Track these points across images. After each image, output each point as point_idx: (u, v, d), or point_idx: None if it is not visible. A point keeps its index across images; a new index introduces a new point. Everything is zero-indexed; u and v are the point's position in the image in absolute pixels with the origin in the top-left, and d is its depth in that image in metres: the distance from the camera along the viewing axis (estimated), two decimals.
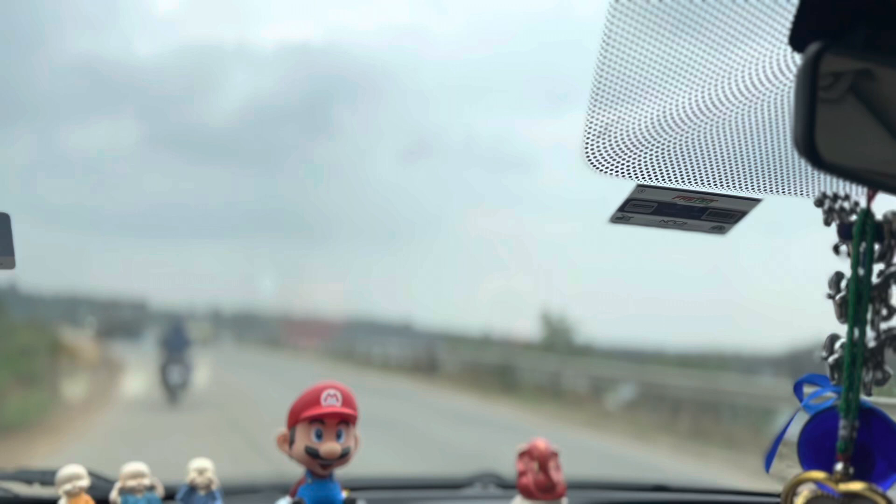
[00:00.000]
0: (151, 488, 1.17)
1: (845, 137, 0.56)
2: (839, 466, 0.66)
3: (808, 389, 0.75)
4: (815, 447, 0.70)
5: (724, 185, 0.86)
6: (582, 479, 1.57)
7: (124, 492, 1.15)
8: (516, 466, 1.27)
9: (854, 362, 0.68)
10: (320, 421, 1.06)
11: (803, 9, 0.60)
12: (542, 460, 1.24)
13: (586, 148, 0.77)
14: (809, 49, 0.56)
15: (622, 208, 0.89)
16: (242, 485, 1.37)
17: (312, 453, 1.06)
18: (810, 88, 0.54)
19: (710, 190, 0.86)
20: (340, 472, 1.18)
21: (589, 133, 0.76)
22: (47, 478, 1.24)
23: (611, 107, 0.77)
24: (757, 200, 0.87)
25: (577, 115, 0.80)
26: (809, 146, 0.53)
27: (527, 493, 1.24)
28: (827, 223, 0.71)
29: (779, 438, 0.82)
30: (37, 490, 1.32)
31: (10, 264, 0.78)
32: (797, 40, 0.61)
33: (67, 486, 1.13)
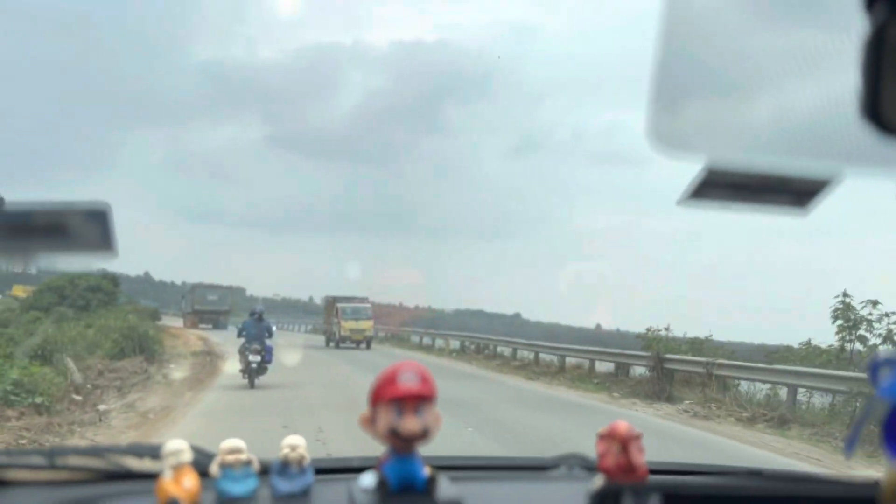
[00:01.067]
0: (248, 463, 1.25)
1: None
2: None
3: (885, 372, 0.72)
4: None
5: (800, 161, 0.84)
6: (667, 464, 1.55)
7: (223, 466, 1.23)
8: (597, 448, 1.27)
9: None
10: (400, 400, 1.10)
11: None
12: (624, 442, 1.25)
13: (651, 127, 0.77)
14: (877, 11, 0.54)
15: (693, 189, 0.87)
16: (332, 463, 1.43)
17: (394, 432, 1.10)
18: (876, 53, 0.53)
19: (786, 166, 0.84)
20: (428, 453, 1.22)
21: (654, 111, 0.76)
22: (156, 452, 1.33)
23: (677, 82, 0.77)
24: (836, 177, 0.85)
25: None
26: (874, 112, 0.52)
27: (608, 474, 1.25)
28: None
29: (859, 424, 0.80)
30: (147, 464, 1.42)
31: (112, 254, 0.84)
32: (869, 2, 0.60)
33: (172, 460, 1.21)
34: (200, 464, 1.28)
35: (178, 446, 1.22)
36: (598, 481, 1.26)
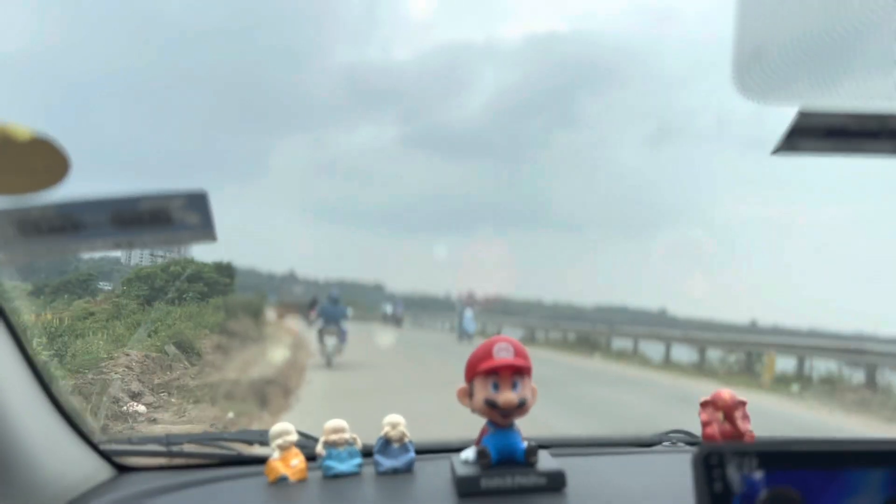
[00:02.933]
0: (351, 442, 1.28)
1: None
2: None
3: None
4: None
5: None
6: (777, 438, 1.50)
7: (328, 445, 1.27)
8: (700, 417, 1.25)
9: None
10: (495, 373, 1.10)
11: None
12: (728, 410, 1.22)
13: (737, 71, 0.75)
14: None
15: (788, 137, 0.84)
16: (432, 444, 1.45)
17: (491, 404, 1.11)
18: None
19: (884, 107, 0.80)
20: (529, 431, 1.22)
21: (740, 53, 0.74)
22: (264, 438, 1.38)
23: (763, 20, 0.74)
24: None
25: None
26: None
27: (713, 441, 1.22)
28: None
29: None
30: (256, 449, 1.48)
31: (212, 238, 0.88)
32: None
33: (279, 441, 1.26)
34: (305, 446, 1.33)
35: (284, 428, 1.27)
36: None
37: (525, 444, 1.14)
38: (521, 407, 1.11)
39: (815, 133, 0.84)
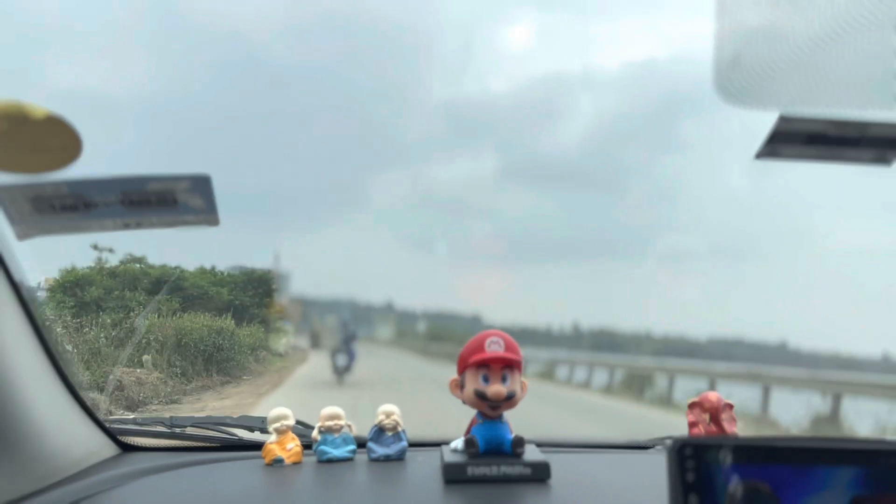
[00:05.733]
0: (346, 429, 1.32)
1: None
2: None
3: None
4: None
5: (878, 108, 0.82)
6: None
7: (323, 431, 1.30)
8: (687, 418, 1.27)
9: None
10: (486, 366, 1.14)
11: None
12: (714, 411, 1.24)
13: (718, 77, 0.78)
14: None
15: (769, 142, 0.87)
16: (425, 437, 1.48)
17: (480, 395, 1.14)
18: None
19: (863, 114, 0.83)
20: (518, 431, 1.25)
21: (720, 60, 0.77)
22: (264, 425, 1.42)
23: (743, 30, 0.77)
24: None
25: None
26: None
27: None
28: None
29: None
30: (256, 435, 1.52)
31: (215, 221, 0.92)
32: None
33: (277, 425, 1.30)
34: (302, 434, 1.37)
35: (282, 412, 1.31)
36: None
37: (513, 435, 1.17)
38: (509, 399, 1.15)
39: (795, 139, 0.87)
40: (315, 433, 1.31)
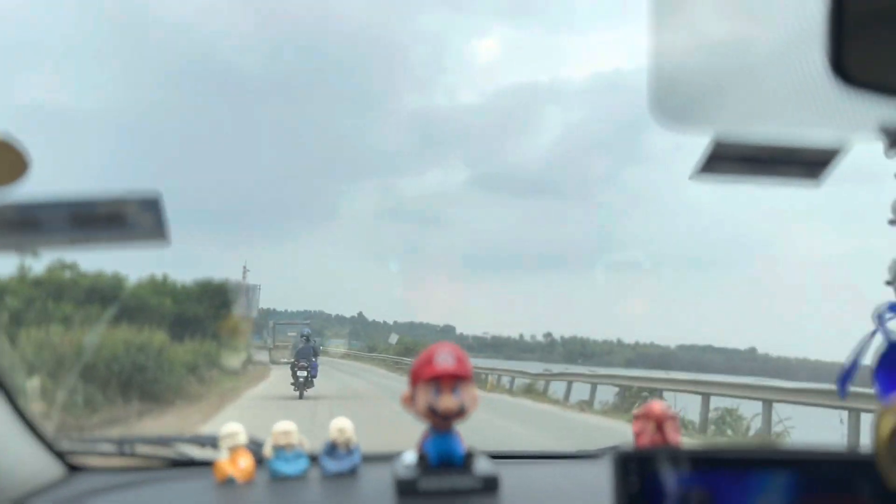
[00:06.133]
0: (299, 445, 1.32)
1: (882, 56, 0.58)
2: None
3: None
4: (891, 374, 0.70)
5: (809, 132, 0.86)
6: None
7: (276, 447, 1.30)
8: (633, 428, 1.30)
9: None
10: (437, 380, 1.15)
11: None
12: (659, 421, 1.27)
13: (653, 101, 0.81)
14: None
15: (704, 162, 0.91)
16: (377, 451, 1.49)
17: (432, 409, 1.16)
18: (839, 6, 0.56)
19: (794, 137, 0.87)
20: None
21: (656, 84, 0.80)
22: (216, 442, 1.41)
23: (677, 56, 0.81)
24: (840, 148, 0.87)
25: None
26: (838, 65, 0.56)
27: None
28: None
29: (855, 361, 0.81)
30: (208, 452, 1.51)
31: (164, 241, 0.93)
32: None
33: (228, 441, 1.29)
34: (254, 450, 1.36)
35: (234, 429, 1.30)
36: None
37: (464, 448, 1.19)
38: (460, 413, 1.16)
39: (729, 160, 0.91)
40: (267, 450, 1.31)
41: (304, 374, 15.70)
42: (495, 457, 1.38)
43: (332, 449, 1.31)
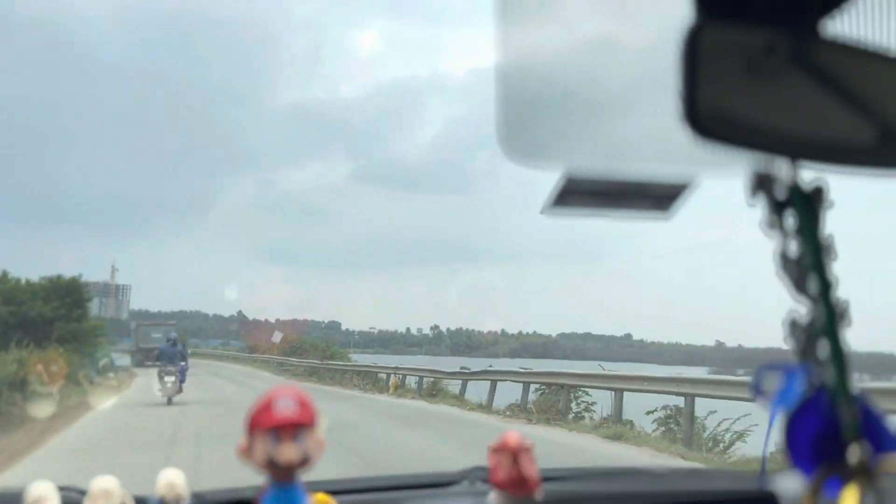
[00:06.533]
0: None
1: (734, 108, 0.55)
2: (856, 450, 0.63)
3: (770, 380, 0.70)
4: (809, 440, 0.66)
5: (659, 167, 0.84)
6: (558, 470, 1.55)
7: None
8: (489, 462, 1.26)
9: (834, 342, 0.65)
10: (277, 428, 1.05)
11: None
12: (515, 454, 1.24)
13: (503, 136, 0.76)
14: (693, 17, 0.54)
15: (555, 198, 0.87)
16: (216, 496, 1.36)
17: (271, 461, 1.05)
18: (691, 58, 0.53)
19: (644, 172, 0.84)
20: (318, 475, 1.18)
21: (505, 120, 0.75)
22: (17, 501, 1.23)
23: (527, 90, 0.76)
24: (688, 182, 0.86)
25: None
26: (692, 116, 0.52)
27: (501, 487, 1.24)
28: (754, 194, 0.69)
29: (766, 444, 0.79)
30: None
31: None
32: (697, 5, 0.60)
33: None
34: (72, 501, 1.20)
35: (40, 492, 1.14)
36: (492, 496, 1.25)
37: (310, 499, 1.10)
38: (303, 463, 1.07)
39: (581, 195, 0.87)
40: None
41: (172, 378, 15.34)
42: (340, 493, 1.30)
43: None
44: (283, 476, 1.08)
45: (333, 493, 1.25)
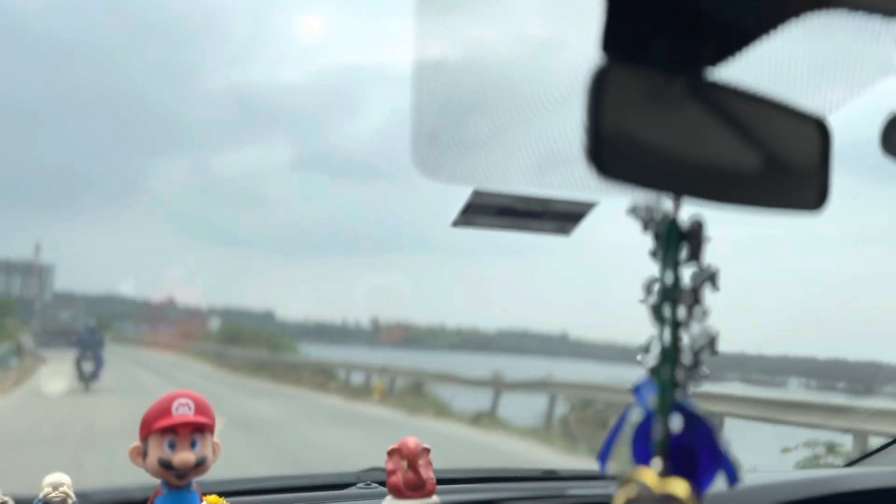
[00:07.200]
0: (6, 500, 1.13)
1: (639, 147, 0.58)
2: (656, 465, 0.69)
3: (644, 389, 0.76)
4: (645, 446, 0.72)
5: (559, 188, 0.88)
6: (458, 471, 1.59)
7: None
8: (386, 466, 1.27)
9: (667, 365, 0.70)
10: (173, 431, 1.03)
11: (606, 18, 0.61)
12: (412, 458, 1.25)
13: (415, 153, 0.77)
14: (599, 60, 0.57)
15: (463, 213, 0.90)
16: (105, 496, 1.33)
17: (166, 465, 1.03)
18: (597, 100, 0.55)
19: (546, 192, 0.88)
20: (213, 476, 1.16)
21: (418, 137, 0.77)
22: None
23: (436, 109, 0.78)
24: (592, 203, 0.90)
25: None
26: (595, 157, 0.55)
27: (397, 491, 1.25)
28: (644, 229, 0.74)
29: (612, 437, 0.84)
30: None
31: None
32: (603, 47, 0.63)
33: None
34: None
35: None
36: (387, 500, 1.26)
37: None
38: (199, 466, 1.05)
39: (487, 211, 0.90)
40: None
41: (91, 366, 15.25)
42: (232, 495, 1.29)
43: None
44: (177, 481, 1.06)
45: (226, 494, 1.24)
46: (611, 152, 0.55)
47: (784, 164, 0.72)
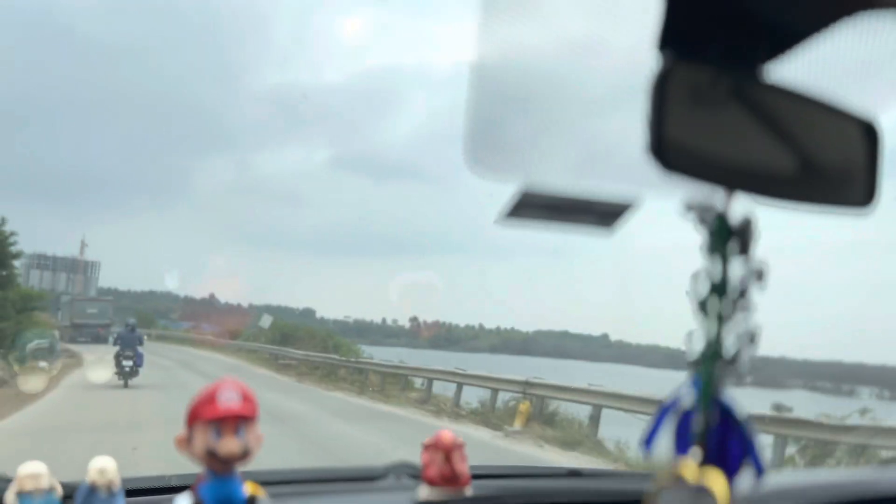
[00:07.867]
0: (50, 490, 1.15)
1: (698, 144, 0.60)
2: (694, 455, 0.70)
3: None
4: (686, 436, 0.74)
5: (606, 185, 0.89)
6: (492, 469, 1.61)
7: (21, 494, 1.13)
8: (422, 459, 1.29)
9: (710, 358, 0.71)
10: (218, 420, 1.06)
11: (665, 17, 0.63)
12: (447, 451, 1.27)
13: (468, 150, 0.79)
14: (662, 58, 0.59)
15: (510, 210, 0.91)
16: (147, 482, 1.35)
17: (212, 453, 1.06)
18: (661, 95, 0.57)
19: (593, 190, 0.89)
20: (251, 467, 1.18)
21: (471, 135, 0.78)
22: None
23: (493, 108, 0.79)
24: (635, 201, 0.91)
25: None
26: (658, 150, 0.56)
27: (432, 483, 1.27)
28: (700, 223, 0.75)
29: (656, 424, 0.86)
30: None
31: None
32: (661, 47, 0.65)
33: None
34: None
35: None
36: (422, 491, 1.28)
37: (246, 491, 1.11)
38: (243, 456, 1.08)
39: (533, 208, 0.92)
40: (10, 497, 1.13)
41: (130, 363, 15.87)
42: (270, 483, 1.31)
43: (90, 493, 1.15)
44: (222, 468, 1.08)
45: (263, 483, 1.26)
46: (673, 148, 0.56)
47: (833, 163, 0.73)
